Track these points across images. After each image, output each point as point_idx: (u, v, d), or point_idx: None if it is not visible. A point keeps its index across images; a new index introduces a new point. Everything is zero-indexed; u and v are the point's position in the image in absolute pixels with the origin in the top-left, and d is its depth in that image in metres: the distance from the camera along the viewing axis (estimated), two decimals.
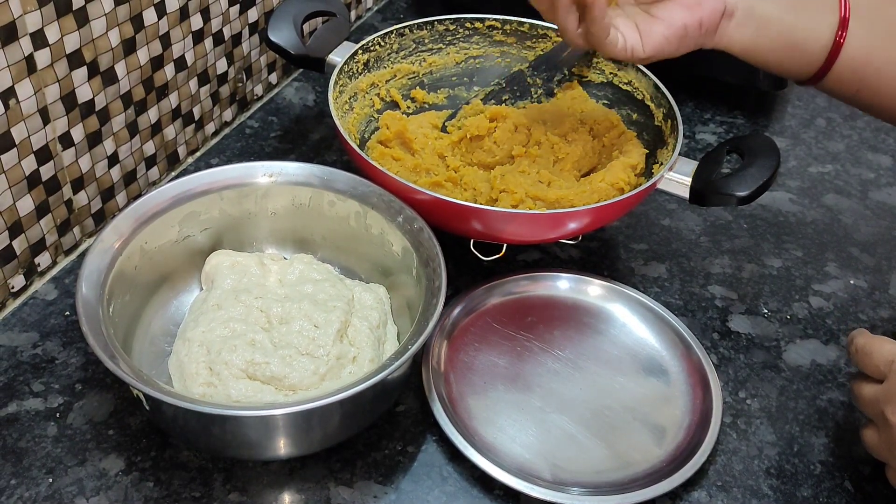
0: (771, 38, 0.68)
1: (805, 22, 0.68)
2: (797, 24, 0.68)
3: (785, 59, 0.69)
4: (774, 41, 0.68)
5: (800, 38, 0.68)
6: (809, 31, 0.68)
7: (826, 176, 0.93)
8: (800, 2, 0.68)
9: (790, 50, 0.68)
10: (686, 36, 0.66)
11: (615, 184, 0.76)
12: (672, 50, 0.67)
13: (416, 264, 0.67)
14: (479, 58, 0.90)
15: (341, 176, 0.72)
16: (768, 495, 0.63)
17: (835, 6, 0.67)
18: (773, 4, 0.68)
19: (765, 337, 0.75)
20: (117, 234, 0.65)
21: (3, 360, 0.67)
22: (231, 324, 0.64)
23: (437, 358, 0.69)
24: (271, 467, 0.62)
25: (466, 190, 0.78)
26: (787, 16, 0.68)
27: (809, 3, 0.68)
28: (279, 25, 0.83)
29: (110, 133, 0.75)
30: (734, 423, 0.68)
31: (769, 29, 0.67)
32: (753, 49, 0.68)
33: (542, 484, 0.61)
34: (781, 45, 0.68)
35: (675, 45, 0.66)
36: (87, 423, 0.64)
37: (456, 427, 0.63)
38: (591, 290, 0.76)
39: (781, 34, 0.68)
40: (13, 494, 0.59)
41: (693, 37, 0.66)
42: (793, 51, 0.68)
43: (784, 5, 0.68)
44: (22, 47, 0.64)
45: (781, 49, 0.68)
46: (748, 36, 0.68)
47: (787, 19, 0.68)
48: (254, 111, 0.95)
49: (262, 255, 0.72)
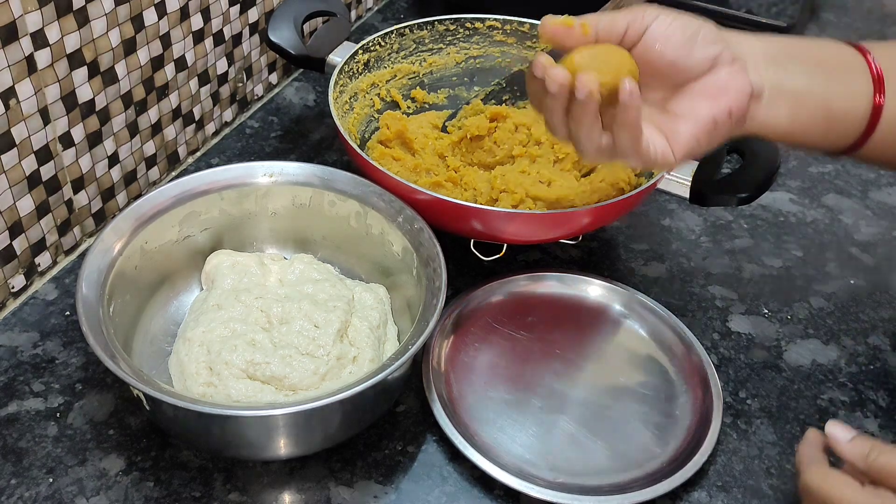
0: (808, 113, 0.60)
1: (840, 90, 0.61)
2: (832, 94, 0.60)
3: (824, 135, 0.62)
4: (812, 116, 0.60)
5: (838, 109, 0.61)
6: (846, 98, 0.61)
7: (826, 176, 0.93)
8: (829, 68, 0.61)
9: (829, 122, 0.61)
10: (716, 129, 0.57)
11: (615, 184, 0.76)
12: (703, 149, 0.58)
13: (417, 264, 0.67)
14: (479, 58, 0.90)
15: (342, 176, 0.72)
16: (768, 495, 0.63)
17: (864, 68, 0.61)
18: (801, 76, 0.60)
19: (765, 337, 0.75)
20: (117, 234, 0.65)
21: (4, 360, 0.67)
22: (231, 324, 0.64)
23: (437, 358, 0.69)
24: (271, 467, 0.62)
25: (467, 190, 0.78)
26: (819, 86, 0.60)
27: (839, 68, 0.61)
28: (279, 25, 0.83)
29: (111, 133, 0.75)
30: (734, 423, 0.68)
31: (805, 105, 0.60)
32: (790, 129, 0.61)
33: (542, 484, 0.61)
34: (820, 119, 0.61)
35: (705, 142, 0.58)
36: (87, 423, 0.64)
37: (456, 427, 0.63)
38: (592, 290, 0.76)
39: (818, 108, 0.60)
40: (13, 494, 0.59)
41: (723, 128, 0.58)
42: (832, 123, 0.61)
43: (814, 75, 0.60)
44: (22, 47, 0.64)
45: (820, 123, 0.61)
46: (783, 116, 0.60)
47: (819, 90, 0.60)
48: (254, 111, 0.95)
49: (262, 255, 0.72)
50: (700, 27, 0.58)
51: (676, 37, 0.57)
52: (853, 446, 0.55)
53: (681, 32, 0.57)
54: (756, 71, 0.58)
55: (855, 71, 0.61)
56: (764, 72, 0.59)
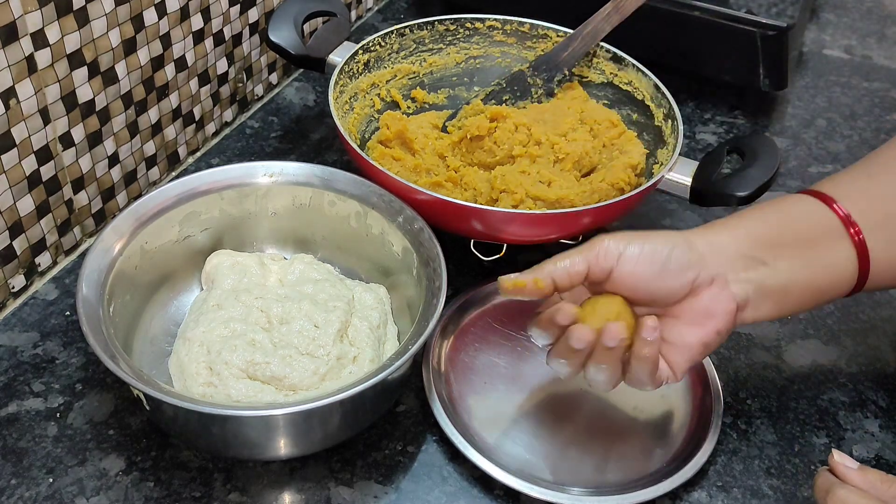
0: (794, 300, 0.61)
1: (821, 266, 0.61)
2: (816, 274, 0.61)
3: (816, 303, 0.63)
4: (800, 299, 0.61)
5: (824, 285, 0.61)
6: (830, 272, 0.61)
7: (826, 176, 0.93)
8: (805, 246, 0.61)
9: (819, 296, 0.62)
10: (707, 349, 0.59)
11: (615, 184, 0.76)
12: (700, 360, 0.61)
13: (417, 264, 0.67)
14: (479, 58, 0.90)
15: (342, 176, 0.72)
16: (769, 495, 0.63)
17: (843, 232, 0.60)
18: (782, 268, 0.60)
19: (765, 337, 0.75)
20: (118, 234, 0.65)
21: (4, 360, 0.67)
22: (231, 324, 0.64)
23: (437, 358, 0.69)
24: (272, 467, 0.62)
25: (467, 190, 0.78)
26: (802, 272, 0.60)
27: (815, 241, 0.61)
28: (279, 25, 0.83)
29: (111, 133, 0.75)
30: (734, 423, 0.68)
31: (791, 295, 0.60)
32: (781, 314, 0.62)
33: (542, 484, 0.61)
34: (808, 299, 0.61)
35: (700, 358, 0.60)
36: (87, 423, 0.64)
37: (456, 428, 0.63)
38: None
39: (805, 291, 0.61)
40: (13, 494, 0.59)
41: (715, 345, 0.59)
42: (821, 296, 0.62)
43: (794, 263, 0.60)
44: (22, 47, 0.64)
45: (809, 301, 0.62)
46: (772, 311, 0.61)
47: (803, 276, 0.60)
48: (254, 111, 0.95)
49: (262, 255, 0.72)
50: (670, 252, 0.57)
51: (646, 272, 0.57)
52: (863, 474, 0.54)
53: (649, 266, 0.57)
54: (737, 282, 0.58)
55: (828, 231, 0.61)
56: (745, 279, 0.59)
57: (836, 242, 0.60)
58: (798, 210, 0.62)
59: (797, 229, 0.61)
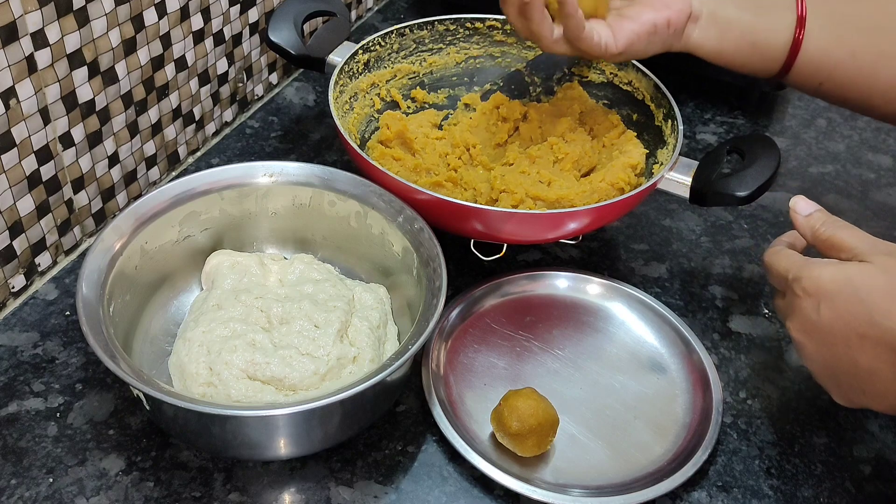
0: (734, 39, 0.71)
1: (765, 23, 0.71)
2: (757, 26, 0.71)
3: (748, 59, 0.72)
4: (737, 42, 0.71)
5: (761, 39, 0.71)
6: (769, 31, 0.71)
7: (826, 176, 0.93)
8: (760, 4, 0.72)
9: (752, 49, 0.72)
10: (655, 33, 0.70)
11: (615, 184, 0.76)
12: (642, 46, 0.71)
13: (417, 264, 0.67)
14: (479, 58, 0.90)
15: (342, 176, 0.72)
16: (769, 495, 0.63)
17: (792, 6, 0.70)
18: (733, 8, 0.71)
19: (765, 337, 0.75)
20: (118, 234, 0.65)
21: (4, 360, 0.67)
22: (231, 324, 0.64)
23: (436, 359, 0.68)
24: (272, 467, 0.62)
25: (467, 190, 0.78)
26: (747, 17, 0.71)
27: (769, 5, 0.71)
28: (279, 25, 0.83)
29: (111, 133, 0.75)
30: (735, 423, 0.68)
31: (731, 31, 0.71)
32: (718, 51, 0.72)
33: (542, 486, 0.61)
34: (744, 46, 0.72)
35: (644, 41, 0.70)
36: (87, 423, 0.64)
37: (456, 429, 0.63)
38: (591, 288, 0.76)
39: (743, 35, 0.71)
40: (13, 494, 0.59)
41: (661, 35, 0.70)
42: (754, 50, 0.72)
43: (744, 8, 0.71)
44: (22, 47, 0.64)
45: (744, 49, 0.72)
46: (712, 39, 0.71)
47: (747, 21, 0.71)
48: (254, 111, 0.95)
49: (262, 255, 0.72)
50: None
51: None
52: (807, 220, 0.62)
53: None
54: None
55: (784, 8, 0.71)
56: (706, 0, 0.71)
57: (784, 13, 0.71)
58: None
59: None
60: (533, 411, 0.61)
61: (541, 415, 0.61)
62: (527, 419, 0.60)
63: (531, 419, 0.60)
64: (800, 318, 0.58)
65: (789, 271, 0.60)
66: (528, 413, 0.60)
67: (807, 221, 0.62)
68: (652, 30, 0.70)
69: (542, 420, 0.61)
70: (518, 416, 0.60)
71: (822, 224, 0.61)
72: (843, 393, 0.59)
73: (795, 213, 0.63)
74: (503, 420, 0.61)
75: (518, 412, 0.61)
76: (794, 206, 0.63)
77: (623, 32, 0.69)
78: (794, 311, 0.59)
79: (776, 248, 0.63)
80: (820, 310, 0.57)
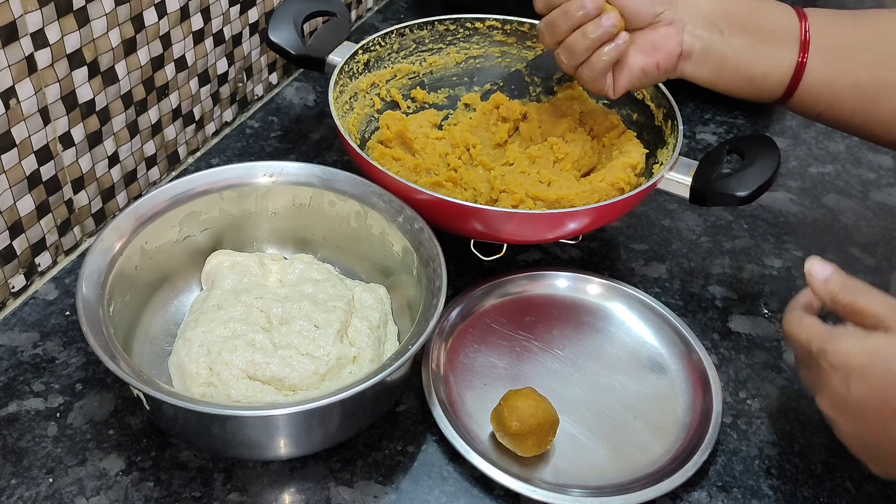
0: (729, 73, 0.71)
1: (762, 58, 0.70)
2: (754, 61, 0.71)
3: (745, 90, 0.73)
4: (733, 76, 0.72)
5: (758, 73, 0.71)
6: (767, 66, 0.71)
7: (826, 176, 0.93)
8: (760, 34, 0.70)
9: (749, 82, 0.72)
10: (646, 77, 0.72)
11: (615, 184, 0.76)
12: (638, 86, 0.73)
13: (417, 264, 0.67)
14: (479, 58, 0.90)
15: (342, 176, 0.72)
16: (769, 495, 0.63)
17: (791, 38, 0.70)
18: (729, 42, 0.70)
19: (765, 337, 0.75)
20: (118, 234, 0.65)
21: (4, 360, 0.67)
22: (231, 324, 0.64)
23: (436, 361, 0.68)
24: (272, 467, 0.62)
25: (467, 190, 0.78)
26: (742, 54, 0.70)
27: (769, 35, 0.70)
28: (279, 25, 0.83)
29: (111, 133, 0.75)
30: (735, 423, 0.68)
31: (726, 66, 0.71)
32: (713, 82, 0.72)
33: (542, 486, 0.61)
34: (740, 79, 0.72)
35: (638, 83, 0.72)
36: (87, 423, 0.64)
37: (456, 429, 0.63)
38: (591, 288, 0.76)
39: (738, 70, 0.71)
40: (13, 494, 0.59)
41: (653, 76, 0.72)
42: (751, 83, 0.72)
43: (740, 43, 0.70)
44: (22, 47, 0.64)
45: (741, 82, 0.72)
46: (707, 73, 0.72)
47: (742, 57, 0.70)
48: (254, 111, 0.95)
49: (262, 255, 0.72)
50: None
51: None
52: (825, 285, 0.59)
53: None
54: (692, 33, 0.70)
55: (785, 37, 0.70)
56: (699, 34, 0.70)
57: (786, 42, 0.70)
58: (775, 11, 0.71)
59: (763, 23, 0.71)
60: (533, 411, 0.61)
61: (541, 415, 0.61)
62: (527, 419, 0.60)
63: (531, 419, 0.60)
64: (829, 393, 0.56)
65: (811, 343, 0.56)
66: (528, 413, 0.60)
67: (825, 286, 0.59)
68: (642, 75, 0.71)
69: (542, 420, 0.61)
70: (518, 416, 0.60)
71: (842, 289, 0.58)
72: (881, 466, 0.56)
73: (812, 278, 0.59)
74: (503, 420, 0.61)
75: (518, 412, 0.61)
76: (810, 271, 0.59)
77: (620, 81, 0.72)
78: (822, 387, 0.56)
79: (795, 316, 0.59)
80: (849, 386, 0.54)
